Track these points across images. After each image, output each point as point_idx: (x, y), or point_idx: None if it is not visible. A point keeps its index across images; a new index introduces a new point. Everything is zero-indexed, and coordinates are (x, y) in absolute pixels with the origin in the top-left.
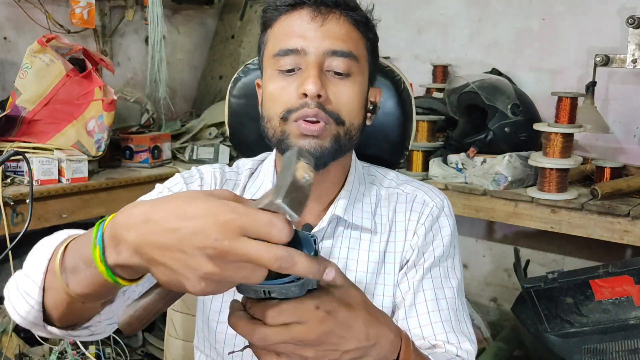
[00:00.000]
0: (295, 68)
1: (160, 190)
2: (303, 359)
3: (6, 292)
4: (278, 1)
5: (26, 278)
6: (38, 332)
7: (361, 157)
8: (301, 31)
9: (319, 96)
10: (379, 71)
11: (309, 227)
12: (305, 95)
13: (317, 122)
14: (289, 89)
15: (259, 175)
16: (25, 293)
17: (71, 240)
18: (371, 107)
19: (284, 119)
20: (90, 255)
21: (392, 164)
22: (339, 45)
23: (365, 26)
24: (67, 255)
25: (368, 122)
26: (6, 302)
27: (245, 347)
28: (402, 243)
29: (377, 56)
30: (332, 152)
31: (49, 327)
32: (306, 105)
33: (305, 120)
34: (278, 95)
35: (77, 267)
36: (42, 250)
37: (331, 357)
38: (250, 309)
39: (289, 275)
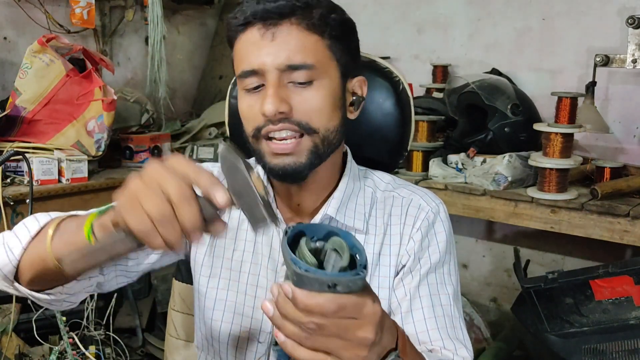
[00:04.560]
0: (260, 85)
1: None
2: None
3: None
4: (232, 22)
5: (14, 237)
6: (5, 287)
7: (359, 158)
8: (254, 50)
9: (281, 112)
10: (377, 72)
11: None
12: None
13: (287, 139)
14: (255, 107)
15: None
16: (8, 248)
17: (73, 215)
18: (354, 99)
19: (255, 137)
20: (85, 220)
21: (390, 166)
22: (293, 58)
23: (323, 23)
24: (68, 220)
25: (352, 116)
26: None
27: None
28: (397, 247)
29: (351, 46)
30: (310, 166)
31: (16, 284)
32: (270, 122)
33: (275, 139)
34: (247, 114)
35: (68, 230)
36: (34, 221)
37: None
38: (301, 298)
39: (352, 268)
